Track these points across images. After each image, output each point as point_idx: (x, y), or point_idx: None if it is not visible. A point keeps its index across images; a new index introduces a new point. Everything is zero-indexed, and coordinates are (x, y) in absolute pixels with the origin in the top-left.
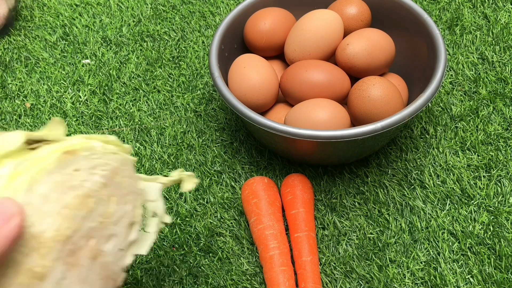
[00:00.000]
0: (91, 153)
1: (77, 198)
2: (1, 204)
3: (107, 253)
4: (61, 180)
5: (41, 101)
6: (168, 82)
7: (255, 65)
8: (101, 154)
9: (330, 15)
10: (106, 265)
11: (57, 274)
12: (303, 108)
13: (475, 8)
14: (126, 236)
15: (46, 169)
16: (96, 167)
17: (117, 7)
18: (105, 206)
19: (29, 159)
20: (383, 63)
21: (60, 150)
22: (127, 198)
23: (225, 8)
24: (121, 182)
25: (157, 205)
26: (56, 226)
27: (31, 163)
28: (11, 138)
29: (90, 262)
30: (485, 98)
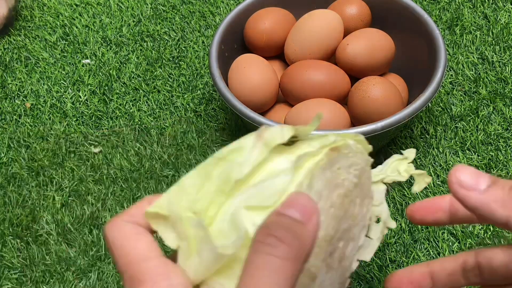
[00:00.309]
0: (349, 151)
1: (339, 197)
2: (301, 200)
3: (347, 257)
4: (330, 177)
5: (41, 101)
6: (168, 82)
7: (255, 65)
8: (354, 153)
9: (330, 15)
10: (344, 270)
11: (321, 276)
12: (303, 108)
13: (475, 8)
14: (359, 240)
15: (320, 165)
16: (352, 166)
17: (117, 7)
18: (353, 208)
19: (302, 154)
20: (383, 63)
21: (326, 146)
22: (365, 201)
23: (225, 8)
24: (364, 183)
25: (382, 209)
26: (325, 225)
27: (305, 158)
28: (281, 132)
29: (338, 265)
30: (485, 98)
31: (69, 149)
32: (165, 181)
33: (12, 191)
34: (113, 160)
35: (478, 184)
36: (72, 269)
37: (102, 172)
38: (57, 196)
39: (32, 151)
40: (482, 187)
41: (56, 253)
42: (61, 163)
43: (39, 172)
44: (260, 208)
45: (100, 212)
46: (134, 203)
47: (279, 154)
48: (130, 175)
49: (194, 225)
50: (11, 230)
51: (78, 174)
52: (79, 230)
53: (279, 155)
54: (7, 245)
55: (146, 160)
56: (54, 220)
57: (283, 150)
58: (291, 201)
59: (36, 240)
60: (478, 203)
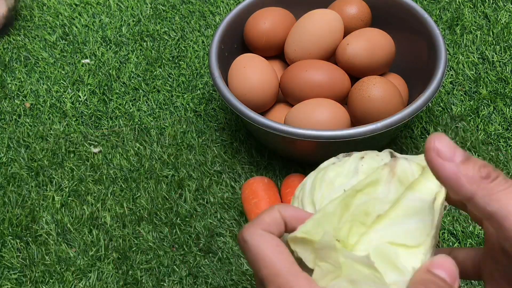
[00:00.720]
0: None
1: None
2: (449, 264)
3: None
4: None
5: (41, 101)
6: (168, 82)
7: (255, 65)
8: None
9: (330, 15)
10: None
11: None
12: (303, 108)
13: (475, 7)
14: None
15: (442, 204)
16: None
17: (117, 6)
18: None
19: (434, 195)
20: (383, 63)
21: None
22: None
23: (225, 8)
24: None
25: None
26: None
27: (437, 198)
28: (410, 169)
29: None
30: (486, 98)
31: (69, 149)
32: (165, 181)
33: (12, 191)
34: (113, 160)
35: (454, 156)
36: (72, 269)
37: (102, 172)
38: (57, 196)
39: (31, 151)
40: (458, 160)
41: (55, 253)
42: (61, 163)
43: (39, 172)
44: (404, 247)
45: (100, 212)
46: (258, 212)
47: (408, 190)
48: (130, 175)
49: (364, 263)
50: (11, 230)
51: (77, 174)
52: (79, 230)
53: (409, 190)
54: (6, 245)
55: (146, 160)
56: (54, 220)
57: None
58: (440, 263)
59: (36, 240)
60: (452, 174)
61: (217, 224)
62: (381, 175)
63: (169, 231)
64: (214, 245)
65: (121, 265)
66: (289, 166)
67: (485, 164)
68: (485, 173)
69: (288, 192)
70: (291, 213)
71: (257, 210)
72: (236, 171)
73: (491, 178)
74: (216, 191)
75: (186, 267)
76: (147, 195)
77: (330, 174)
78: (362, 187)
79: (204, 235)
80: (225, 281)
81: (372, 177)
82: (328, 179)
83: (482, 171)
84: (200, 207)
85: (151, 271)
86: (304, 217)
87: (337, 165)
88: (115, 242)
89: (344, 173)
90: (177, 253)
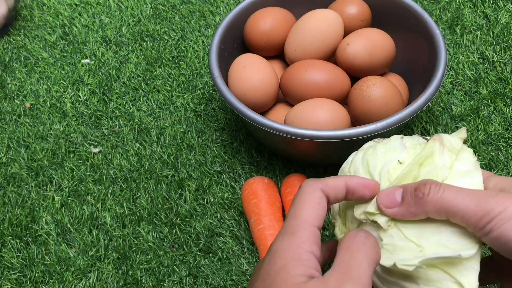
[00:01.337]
0: None
1: None
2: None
3: None
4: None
5: (41, 101)
6: (168, 82)
7: (255, 65)
8: None
9: (330, 15)
10: None
11: None
12: (303, 108)
13: (475, 8)
14: None
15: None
16: None
17: (117, 6)
18: None
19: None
20: (383, 63)
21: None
22: None
23: (225, 8)
24: None
25: None
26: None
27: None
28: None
29: None
30: (486, 98)
31: (69, 149)
32: (165, 181)
33: (12, 191)
34: (112, 160)
35: (394, 201)
36: (72, 269)
37: (102, 172)
38: (57, 196)
39: (31, 151)
40: (398, 201)
41: (55, 253)
42: (61, 163)
43: (39, 172)
44: None
45: (100, 212)
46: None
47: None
48: (130, 175)
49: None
50: (11, 230)
51: (77, 174)
52: (79, 230)
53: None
54: (6, 245)
55: (146, 160)
56: (54, 220)
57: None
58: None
59: (36, 240)
60: (400, 214)
61: (217, 224)
62: (433, 148)
63: (169, 231)
64: (214, 245)
65: (121, 265)
66: (289, 166)
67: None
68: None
69: (288, 192)
70: (358, 181)
71: (257, 210)
72: (236, 171)
73: (425, 193)
74: (216, 191)
75: (186, 267)
76: (147, 195)
77: (380, 150)
78: (422, 160)
79: (204, 235)
80: (225, 281)
81: (427, 151)
82: (380, 153)
83: (418, 193)
84: (200, 207)
85: (151, 271)
86: (373, 184)
87: (383, 143)
88: (115, 242)
89: (393, 148)
90: (177, 253)
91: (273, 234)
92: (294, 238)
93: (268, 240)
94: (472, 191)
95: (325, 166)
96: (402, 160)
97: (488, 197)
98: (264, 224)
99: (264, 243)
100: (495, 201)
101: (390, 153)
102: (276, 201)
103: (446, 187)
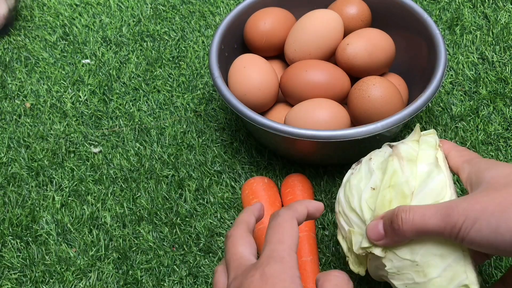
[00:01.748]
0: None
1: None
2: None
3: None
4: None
5: (41, 101)
6: (168, 82)
7: (255, 65)
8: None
9: (330, 15)
10: None
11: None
12: (303, 108)
13: (475, 8)
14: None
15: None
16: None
17: (117, 7)
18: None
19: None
20: (383, 63)
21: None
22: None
23: (225, 8)
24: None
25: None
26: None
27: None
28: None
29: None
30: (485, 98)
31: (69, 149)
32: (165, 181)
33: (12, 191)
34: (113, 160)
35: (379, 234)
36: (72, 269)
37: (102, 172)
38: (57, 196)
39: (32, 151)
40: (382, 233)
41: (56, 253)
42: (61, 163)
43: (39, 172)
44: (436, 203)
45: (100, 212)
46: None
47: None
48: (130, 175)
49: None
50: (11, 230)
51: (78, 174)
52: (79, 230)
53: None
54: (7, 245)
55: (146, 160)
56: (54, 220)
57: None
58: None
59: (36, 240)
60: (388, 244)
61: (217, 224)
62: (394, 166)
63: (169, 231)
64: (214, 245)
65: (121, 265)
66: (289, 166)
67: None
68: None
69: (288, 192)
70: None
71: None
72: (236, 171)
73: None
74: (216, 191)
75: (186, 267)
76: (147, 195)
77: (353, 182)
78: (389, 182)
79: (204, 235)
80: None
81: (390, 171)
82: (354, 186)
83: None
84: (200, 207)
85: (151, 271)
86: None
87: (355, 173)
88: (115, 242)
89: (364, 176)
90: (177, 253)
91: None
92: (285, 262)
93: None
94: (436, 207)
95: (325, 166)
96: (374, 186)
97: (450, 210)
98: (264, 224)
99: None
100: (456, 212)
101: (363, 182)
102: (276, 201)
103: (414, 211)
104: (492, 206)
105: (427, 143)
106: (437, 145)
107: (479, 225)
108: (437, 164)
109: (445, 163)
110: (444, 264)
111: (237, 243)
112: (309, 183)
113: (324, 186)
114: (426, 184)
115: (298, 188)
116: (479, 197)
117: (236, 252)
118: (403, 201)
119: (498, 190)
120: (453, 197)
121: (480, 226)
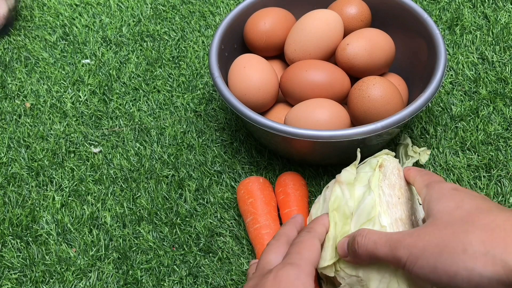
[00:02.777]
0: (387, 162)
1: (399, 191)
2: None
3: (418, 220)
4: (388, 183)
5: (41, 101)
6: (168, 82)
7: (255, 65)
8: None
9: (330, 15)
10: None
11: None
12: (303, 108)
13: (475, 8)
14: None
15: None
16: (393, 169)
17: (117, 7)
18: (406, 193)
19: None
20: (383, 63)
21: (375, 166)
22: (408, 186)
23: (225, 8)
24: (402, 175)
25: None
26: (403, 210)
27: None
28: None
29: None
30: (485, 98)
31: (69, 149)
32: (165, 181)
33: (12, 191)
34: (113, 160)
35: (345, 252)
36: (72, 269)
37: (102, 172)
38: (57, 196)
39: (32, 151)
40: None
41: (56, 253)
42: (61, 163)
43: (39, 172)
44: (369, 221)
45: (100, 212)
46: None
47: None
48: (130, 175)
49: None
50: (11, 230)
51: (78, 174)
52: (79, 230)
53: (355, 186)
54: (7, 245)
55: (146, 160)
56: (54, 220)
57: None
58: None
59: (36, 240)
60: (352, 262)
61: (217, 224)
62: (336, 192)
63: (169, 231)
64: (214, 245)
65: (121, 265)
66: (289, 166)
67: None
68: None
69: (280, 192)
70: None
71: (253, 209)
72: (236, 171)
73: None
74: (216, 191)
75: (186, 267)
76: (147, 195)
77: (313, 211)
78: (333, 206)
79: (204, 235)
80: (225, 281)
81: (334, 195)
82: (313, 215)
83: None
84: (200, 207)
85: (151, 271)
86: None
87: (315, 203)
88: (115, 242)
89: (321, 204)
90: (177, 253)
91: (269, 233)
92: (301, 269)
93: (264, 239)
94: (387, 237)
95: (325, 166)
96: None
97: (398, 243)
98: (260, 223)
99: (261, 242)
100: (402, 247)
101: (320, 210)
102: (271, 201)
103: (368, 238)
104: (431, 246)
105: (370, 165)
106: (377, 165)
107: (421, 263)
108: (368, 185)
109: (388, 181)
110: (380, 276)
111: (271, 251)
112: (301, 180)
113: (324, 186)
114: (359, 205)
115: (289, 186)
116: (423, 234)
117: (266, 257)
118: (345, 221)
119: (439, 229)
120: (386, 215)
121: (422, 264)
